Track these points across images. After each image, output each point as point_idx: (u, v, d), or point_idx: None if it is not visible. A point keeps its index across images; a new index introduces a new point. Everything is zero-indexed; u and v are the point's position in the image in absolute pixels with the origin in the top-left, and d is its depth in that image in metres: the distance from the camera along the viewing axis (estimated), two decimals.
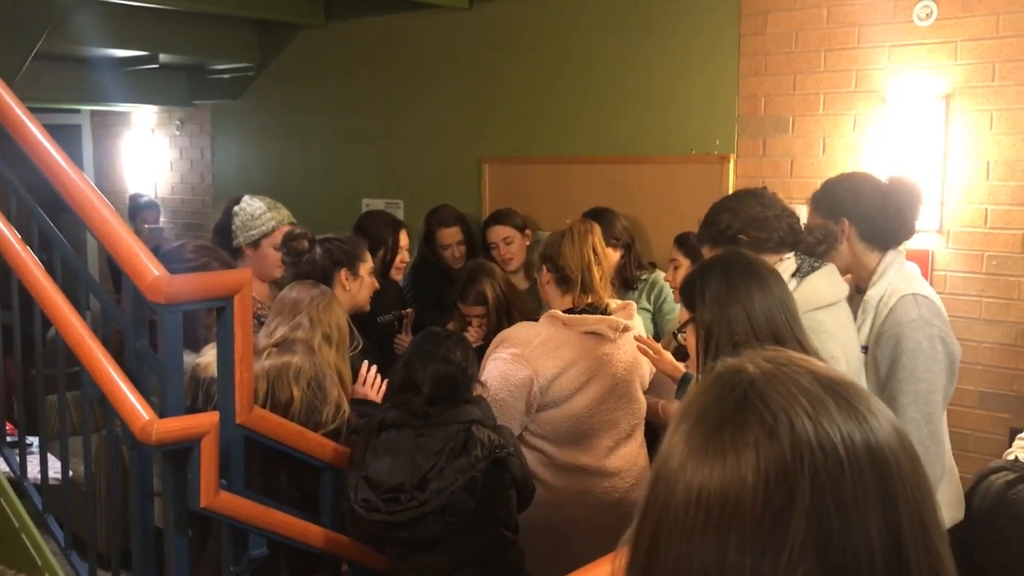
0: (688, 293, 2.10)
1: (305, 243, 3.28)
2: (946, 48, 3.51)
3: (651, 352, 2.82)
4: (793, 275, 2.43)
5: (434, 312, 3.97)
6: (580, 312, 3.03)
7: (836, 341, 2.35)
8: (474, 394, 2.69)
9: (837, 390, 0.76)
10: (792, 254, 2.49)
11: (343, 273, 3.27)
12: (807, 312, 2.32)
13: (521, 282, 4.18)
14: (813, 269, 2.44)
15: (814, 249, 2.52)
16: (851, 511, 0.70)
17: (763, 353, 0.81)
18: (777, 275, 2.08)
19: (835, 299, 2.44)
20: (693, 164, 4.18)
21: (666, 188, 4.26)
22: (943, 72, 3.52)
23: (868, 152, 3.68)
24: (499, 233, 4.27)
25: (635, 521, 0.80)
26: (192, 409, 2.58)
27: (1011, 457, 2.76)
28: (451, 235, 4.41)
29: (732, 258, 2.12)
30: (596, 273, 3.07)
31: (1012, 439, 3.42)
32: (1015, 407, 3.50)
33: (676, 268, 3.49)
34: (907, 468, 0.74)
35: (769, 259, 2.43)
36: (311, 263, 3.25)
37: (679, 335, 2.22)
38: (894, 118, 3.61)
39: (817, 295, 2.40)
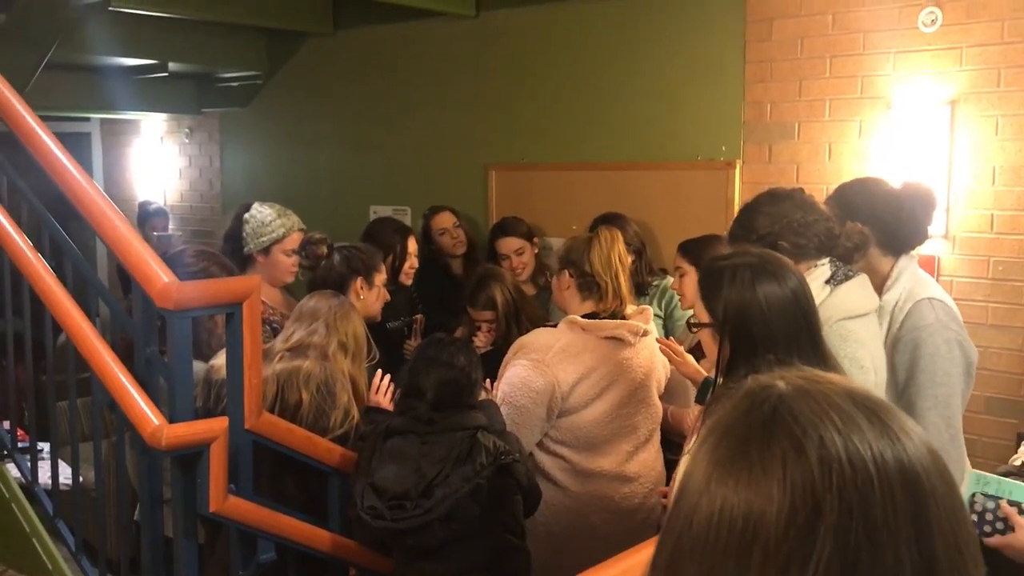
0: (705, 291, 2.07)
1: (324, 248, 3.31)
2: (951, 54, 3.52)
3: (674, 355, 2.82)
4: (827, 282, 2.38)
5: (439, 314, 3.99)
6: (603, 318, 3.04)
7: (866, 351, 2.33)
8: (480, 399, 2.69)
9: (870, 407, 0.74)
10: (827, 260, 2.43)
11: (359, 282, 3.30)
12: (839, 320, 2.30)
13: (528, 289, 4.19)
14: (847, 278, 2.40)
15: (851, 255, 2.47)
16: (880, 531, 0.68)
17: (797, 372, 0.79)
18: (791, 271, 2.05)
19: (867, 310, 2.41)
20: (699, 170, 4.19)
21: (672, 194, 4.27)
22: (948, 78, 3.53)
23: (874, 158, 3.69)
24: (510, 245, 4.27)
25: (659, 537, 0.78)
26: (204, 410, 2.61)
27: (1018, 462, 2.76)
28: (444, 219, 4.51)
29: (747, 256, 2.09)
30: (623, 279, 3.09)
31: (1019, 444, 3.42)
32: (1022, 412, 3.49)
33: (682, 275, 3.49)
34: (941, 490, 0.72)
35: (805, 265, 2.39)
36: (328, 269, 3.28)
37: (694, 329, 2.18)
38: (899, 124, 3.62)
39: (850, 304, 2.36)
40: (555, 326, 3.07)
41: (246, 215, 3.62)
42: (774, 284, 1.96)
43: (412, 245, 4.16)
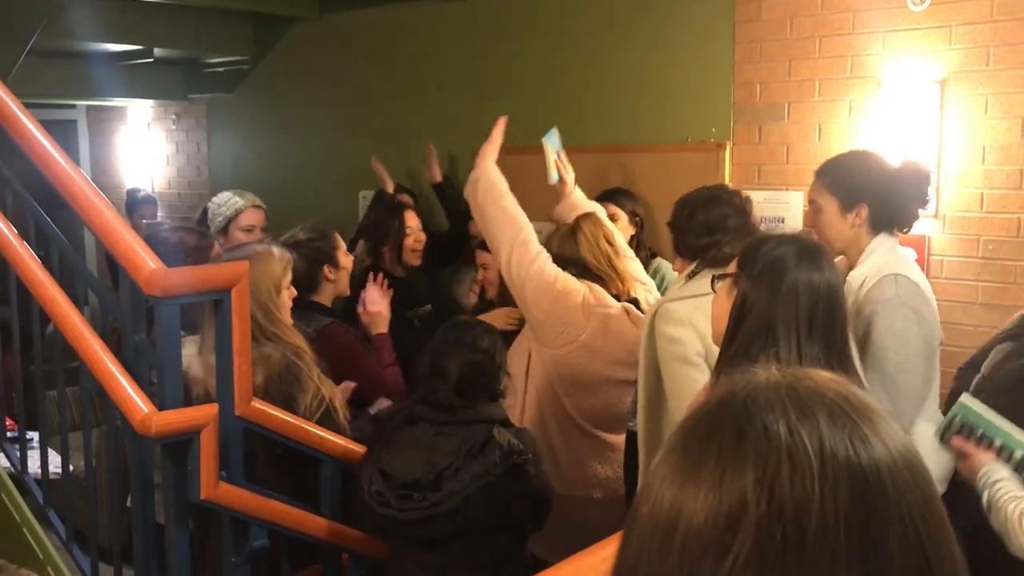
0: (745, 256, 2.02)
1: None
2: (941, 33, 3.51)
3: None
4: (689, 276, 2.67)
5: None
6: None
7: (683, 329, 2.58)
8: (502, 387, 2.64)
9: (841, 405, 0.69)
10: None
11: (326, 269, 3.32)
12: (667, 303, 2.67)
13: None
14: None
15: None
16: (814, 535, 0.63)
17: (781, 372, 0.73)
18: (832, 263, 2.03)
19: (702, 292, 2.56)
20: (689, 152, 4.18)
21: (662, 176, 4.26)
22: (938, 57, 3.52)
23: (864, 138, 3.68)
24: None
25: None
26: None
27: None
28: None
29: (799, 237, 2.05)
30: (618, 264, 3.15)
31: None
32: None
33: None
34: (912, 503, 0.66)
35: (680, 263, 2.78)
36: (296, 272, 3.25)
37: (716, 282, 2.13)
38: (889, 104, 3.61)
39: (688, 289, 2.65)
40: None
41: (208, 203, 3.73)
42: (813, 272, 1.92)
43: (410, 219, 4.08)
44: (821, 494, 0.64)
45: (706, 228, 2.67)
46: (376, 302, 3.54)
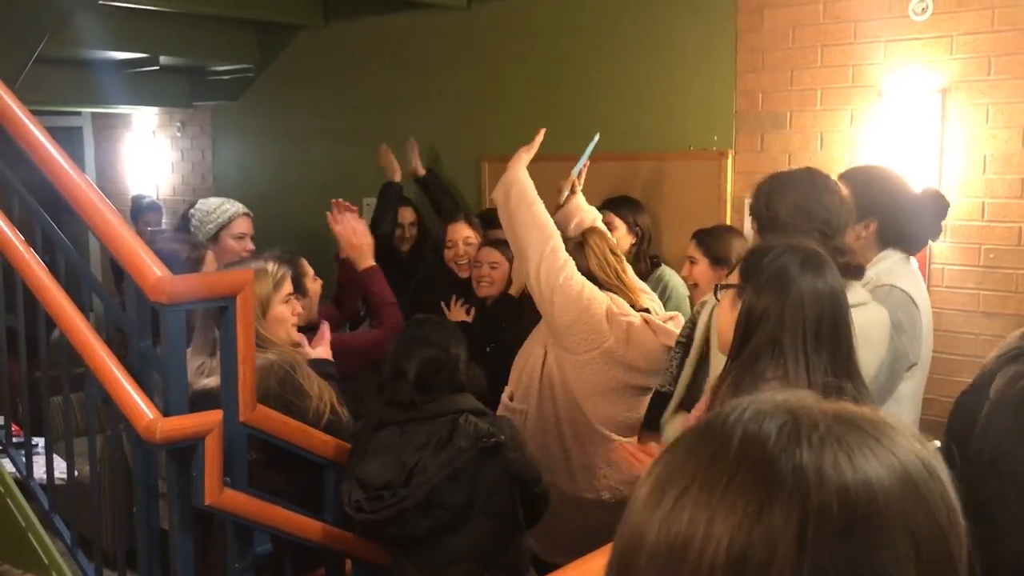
0: (748, 267, 1.99)
1: None
2: (942, 43, 3.52)
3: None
4: None
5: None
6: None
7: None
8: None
9: (851, 427, 0.67)
10: None
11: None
12: None
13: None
14: None
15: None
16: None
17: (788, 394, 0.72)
18: (835, 270, 2.02)
19: None
20: (691, 160, 4.19)
21: (665, 184, 4.28)
22: (939, 67, 3.53)
23: (865, 147, 3.70)
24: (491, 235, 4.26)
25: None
26: None
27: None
28: (408, 214, 4.69)
29: (800, 245, 2.03)
30: (626, 277, 3.20)
31: None
32: None
33: (693, 263, 3.48)
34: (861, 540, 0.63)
35: None
36: None
37: (719, 291, 2.10)
38: (891, 113, 3.62)
39: None
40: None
41: (190, 211, 3.74)
42: (817, 280, 1.91)
43: (454, 232, 4.06)
44: (749, 530, 0.63)
45: (825, 223, 2.36)
46: (358, 233, 3.36)
